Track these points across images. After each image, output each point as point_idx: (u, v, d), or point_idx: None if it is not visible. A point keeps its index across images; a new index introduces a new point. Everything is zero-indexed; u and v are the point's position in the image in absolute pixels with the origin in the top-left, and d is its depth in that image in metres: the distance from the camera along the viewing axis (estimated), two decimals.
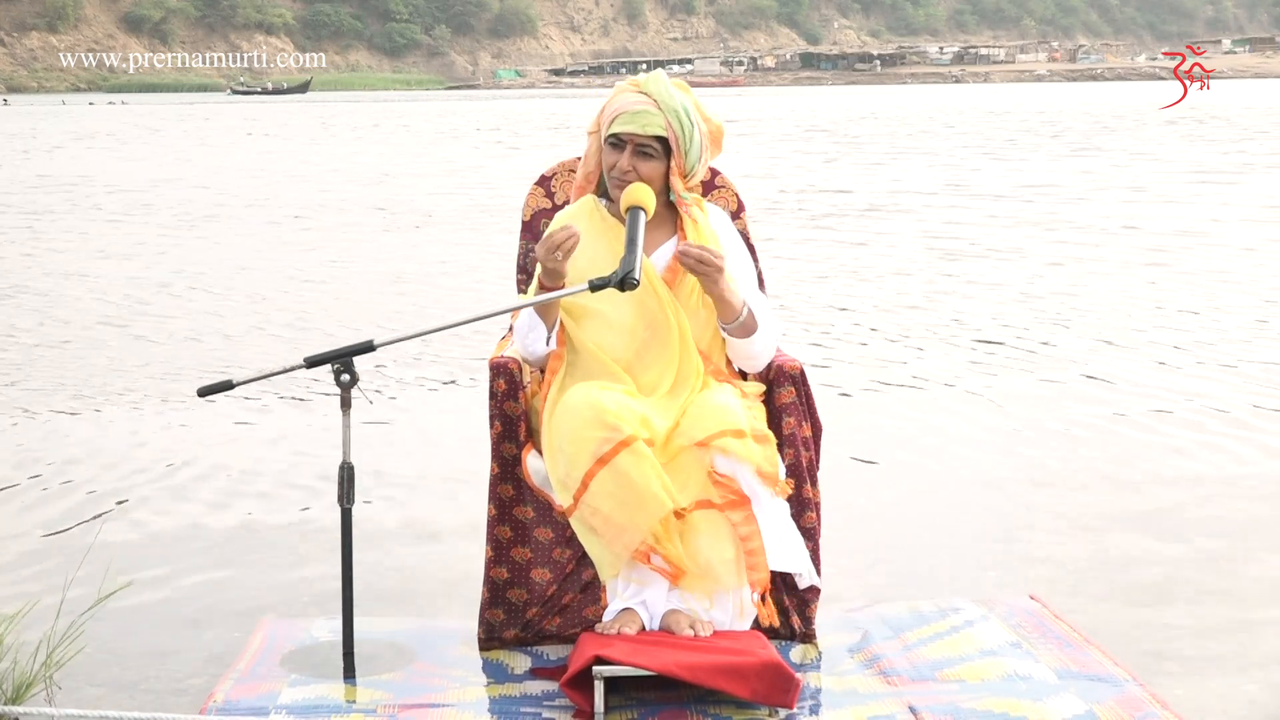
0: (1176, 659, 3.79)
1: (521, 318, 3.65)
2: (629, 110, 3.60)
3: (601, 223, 3.71)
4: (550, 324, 3.60)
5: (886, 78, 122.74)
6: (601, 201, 3.76)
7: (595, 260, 3.60)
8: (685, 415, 3.51)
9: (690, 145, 3.62)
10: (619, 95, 3.66)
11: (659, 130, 3.59)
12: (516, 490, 3.63)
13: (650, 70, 3.78)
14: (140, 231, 15.24)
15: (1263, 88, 77.19)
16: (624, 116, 3.60)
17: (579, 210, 3.76)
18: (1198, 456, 5.88)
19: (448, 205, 17.76)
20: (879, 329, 8.86)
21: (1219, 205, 16.24)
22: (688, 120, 3.61)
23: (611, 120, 3.63)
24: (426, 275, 11.62)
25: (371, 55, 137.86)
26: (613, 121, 3.62)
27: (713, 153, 3.72)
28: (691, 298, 3.65)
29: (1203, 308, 9.53)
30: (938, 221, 15.03)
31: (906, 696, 3.31)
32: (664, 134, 3.59)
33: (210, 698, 3.32)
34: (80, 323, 9.46)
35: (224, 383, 3.43)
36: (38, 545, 4.88)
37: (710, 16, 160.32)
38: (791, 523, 3.56)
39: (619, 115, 3.61)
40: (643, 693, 3.29)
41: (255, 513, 5.25)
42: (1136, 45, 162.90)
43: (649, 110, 3.59)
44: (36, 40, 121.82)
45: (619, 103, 3.64)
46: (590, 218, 3.72)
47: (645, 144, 3.60)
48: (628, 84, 3.69)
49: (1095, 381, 7.30)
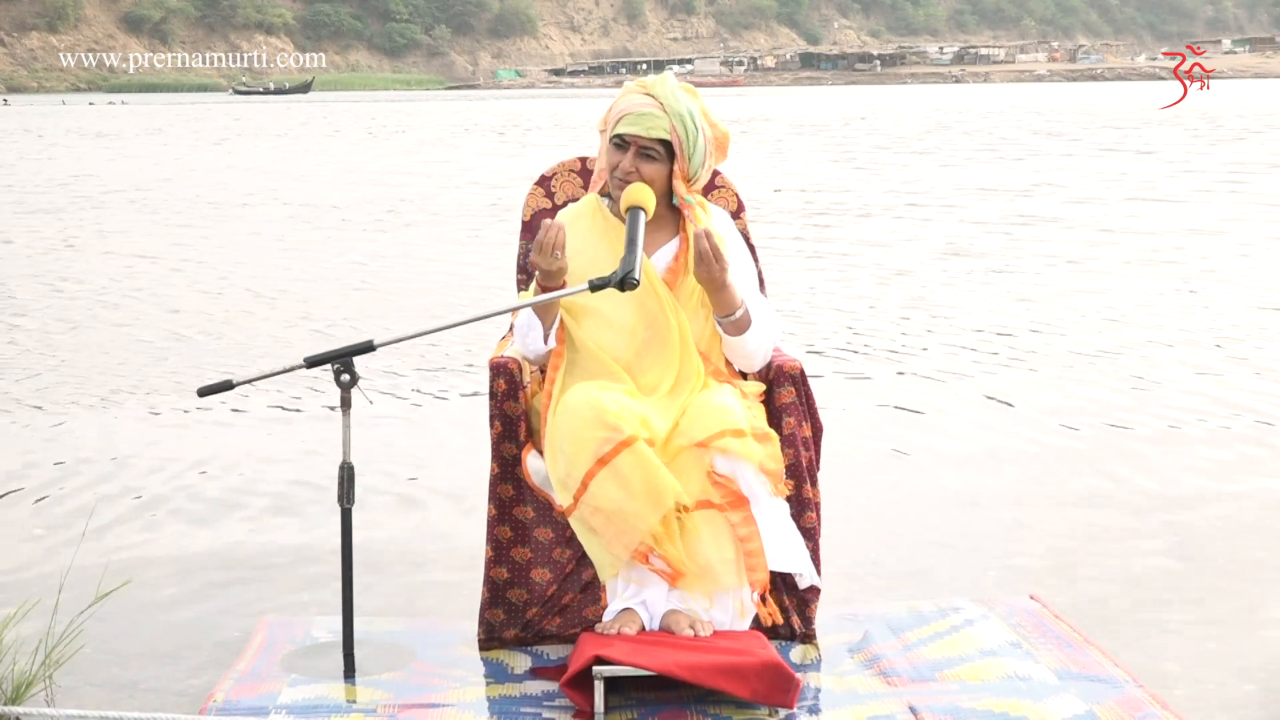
0: (1176, 659, 3.79)
1: (520, 317, 3.66)
2: (634, 112, 3.60)
3: (603, 222, 3.71)
4: (549, 323, 3.61)
5: (886, 78, 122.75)
6: (604, 201, 3.76)
7: (596, 260, 3.60)
8: (685, 415, 3.51)
9: (694, 150, 3.62)
10: (626, 96, 3.67)
11: (663, 133, 3.59)
12: (516, 490, 3.63)
13: (649, 70, 3.79)
14: (149, 230, 15.24)
15: (1263, 88, 77.18)
16: (629, 118, 3.61)
17: (581, 209, 3.76)
18: (1199, 457, 5.87)
19: (451, 204, 17.76)
20: (879, 328, 8.86)
21: (1228, 205, 16.25)
22: (692, 125, 3.60)
23: (617, 120, 3.63)
24: (428, 275, 11.62)
25: (371, 55, 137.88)
26: (618, 122, 3.62)
27: (717, 158, 3.72)
28: (692, 299, 3.65)
29: (1203, 307, 9.52)
30: (938, 220, 15.02)
31: (906, 696, 3.31)
32: (668, 137, 3.59)
33: (210, 698, 3.32)
34: (80, 323, 9.46)
35: (224, 383, 3.44)
36: (38, 544, 4.88)
37: (710, 16, 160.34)
38: (791, 523, 3.56)
39: (624, 116, 3.61)
40: (643, 693, 3.29)
41: (255, 512, 5.24)
42: (1136, 45, 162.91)
43: (654, 113, 3.59)
44: (36, 40, 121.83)
45: (625, 104, 3.64)
46: (592, 217, 3.73)
47: (649, 146, 3.60)
48: (635, 85, 3.69)
49: (1096, 381, 7.30)
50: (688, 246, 3.66)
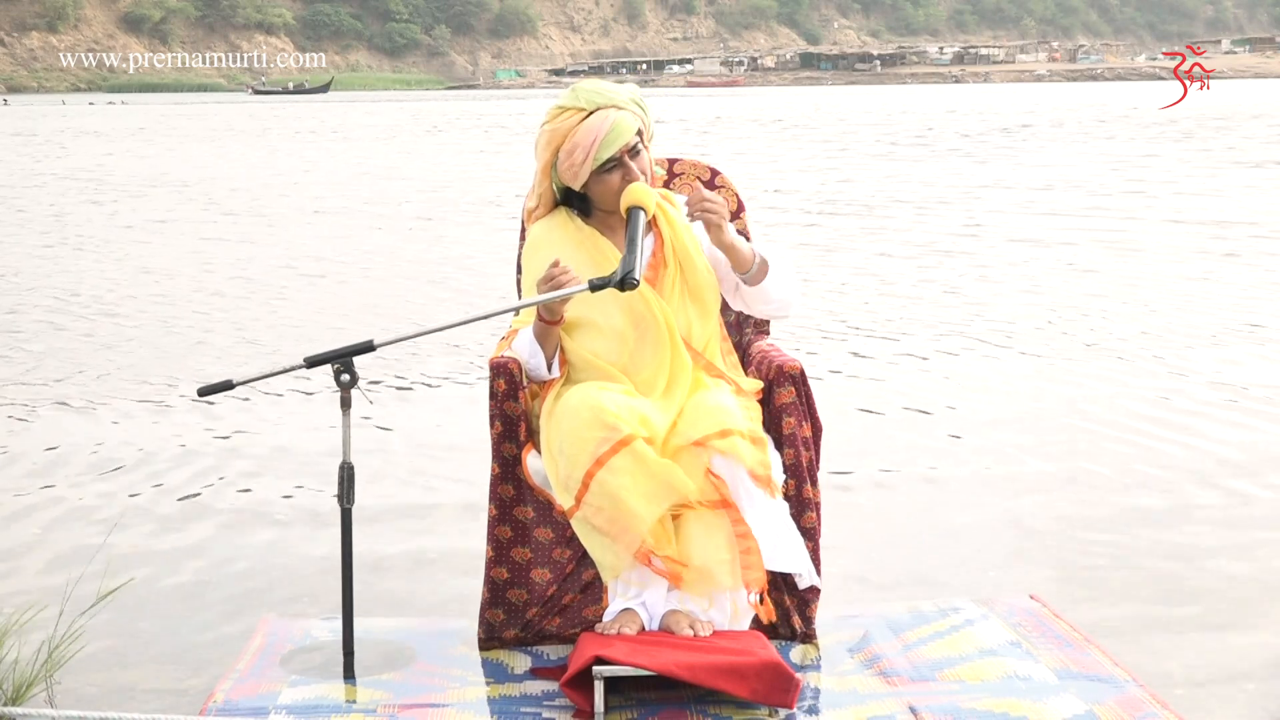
0: (1176, 659, 3.79)
1: (522, 342, 3.66)
2: (604, 130, 3.61)
3: (577, 232, 3.74)
4: (550, 354, 3.63)
5: (886, 78, 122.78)
6: (574, 213, 3.77)
7: (579, 269, 3.61)
8: (682, 416, 3.52)
9: (646, 113, 3.72)
10: (580, 127, 3.62)
11: (635, 124, 3.66)
12: (516, 490, 3.63)
13: (650, 70, 3.80)
14: (161, 228, 15.25)
15: (1263, 88, 77.18)
16: (605, 140, 3.61)
17: (554, 221, 3.77)
18: (1199, 457, 5.87)
19: (456, 201, 17.77)
20: (879, 327, 8.86)
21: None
22: (631, 98, 3.71)
23: (595, 151, 3.61)
24: (429, 274, 11.62)
25: (371, 55, 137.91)
26: (598, 150, 3.61)
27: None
28: (674, 293, 3.67)
29: (1204, 307, 9.52)
30: (938, 221, 15.02)
31: (906, 696, 3.31)
32: (639, 124, 3.67)
33: (210, 698, 3.32)
34: (79, 321, 9.46)
35: (224, 383, 3.43)
36: (38, 544, 4.88)
37: (710, 16, 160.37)
38: (792, 523, 3.56)
39: (599, 142, 3.60)
40: (643, 693, 3.29)
41: (255, 512, 5.24)
42: (1136, 45, 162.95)
43: (619, 119, 3.62)
44: (36, 40, 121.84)
45: (584, 133, 3.60)
46: (564, 229, 3.75)
47: (633, 145, 3.65)
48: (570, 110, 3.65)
49: (1096, 381, 7.30)
50: (664, 242, 3.69)
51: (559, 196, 3.79)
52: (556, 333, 3.62)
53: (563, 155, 3.65)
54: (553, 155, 3.68)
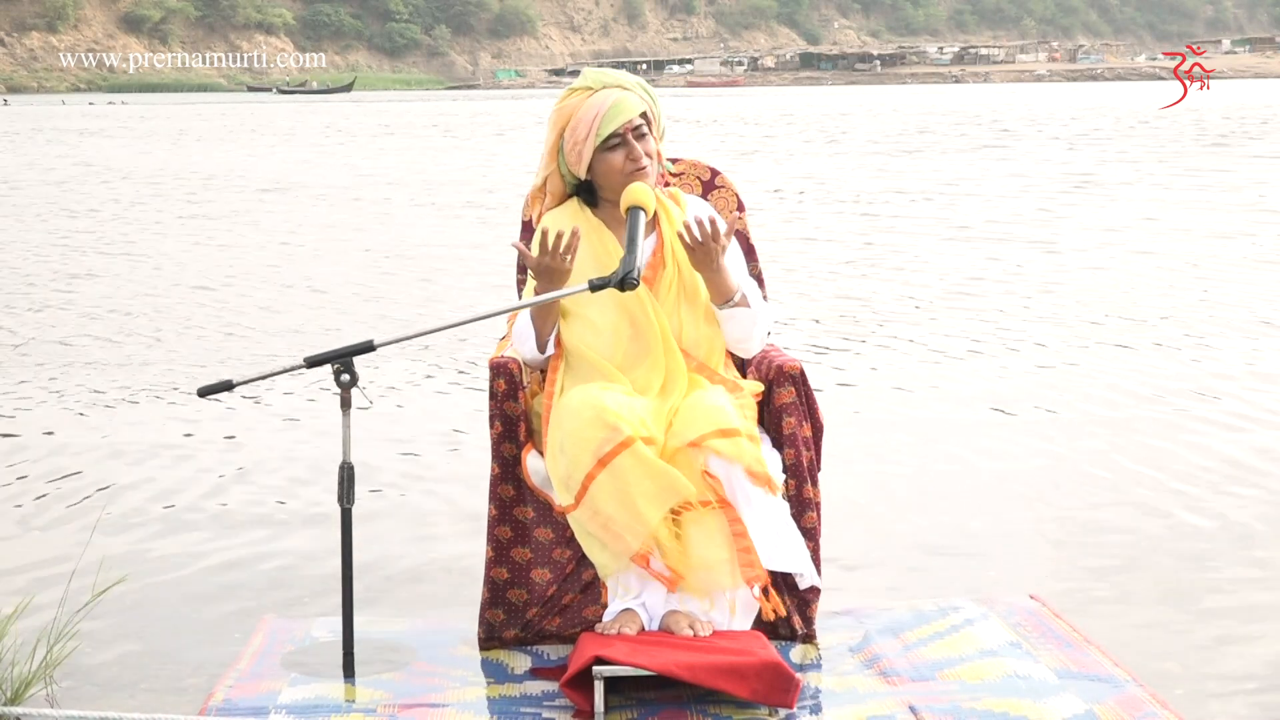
0: (1176, 659, 3.79)
1: (519, 323, 3.66)
2: (607, 106, 3.61)
3: (586, 224, 3.72)
4: (546, 332, 3.61)
5: (886, 78, 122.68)
6: (583, 204, 3.77)
7: (583, 263, 3.61)
8: (678, 416, 3.51)
9: (655, 101, 3.70)
10: (584, 104, 3.64)
11: (640, 106, 3.64)
12: (516, 490, 3.63)
13: (650, 70, 3.80)
14: (176, 227, 15.26)
15: (1263, 88, 77.14)
16: (608, 115, 3.61)
17: (564, 212, 3.76)
18: (1200, 457, 5.87)
19: (455, 203, 17.77)
20: (879, 327, 8.86)
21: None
22: (635, 82, 3.69)
23: (597, 125, 3.61)
24: (427, 276, 11.62)
25: (371, 55, 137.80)
26: (600, 124, 3.61)
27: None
28: (670, 294, 3.67)
29: (1204, 306, 9.53)
30: (937, 220, 15.02)
31: (906, 696, 3.31)
32: (644, 107, 3.65)
33: (210, 697, 3.32)
34: (79, 321, 9.46)
35: (224, 382, 3.44)
36: (37, 544, 4.88)
37: (710, 16, 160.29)
38: (792, 522, 3.56)
39: (601, 117, 3.61)
40: (643, 693, 3.29)
41: (255, 512, 5.25)
42: (1136, 45, 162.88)
43: (622, 96, 3.62)
44: (36, 40, 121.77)
45: (589, 109, 3.62)
46: (575, 219, 3.73)
47: (638, 124, 3.64)
48: (579, 90, 3.68)
49: (1095, 381, 7.30)
50: (664, 243, 3.68)
51: (569, 189, 3.78)
52: (555, 309, 3.61)
53: (568, 134, 3.66)
54: (559, 135, 3.69)
